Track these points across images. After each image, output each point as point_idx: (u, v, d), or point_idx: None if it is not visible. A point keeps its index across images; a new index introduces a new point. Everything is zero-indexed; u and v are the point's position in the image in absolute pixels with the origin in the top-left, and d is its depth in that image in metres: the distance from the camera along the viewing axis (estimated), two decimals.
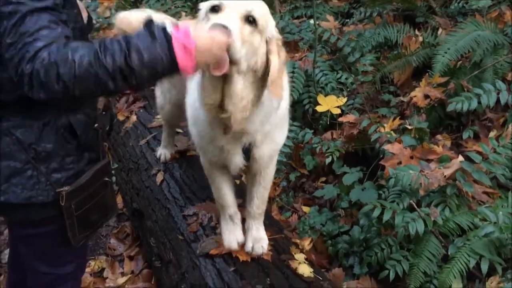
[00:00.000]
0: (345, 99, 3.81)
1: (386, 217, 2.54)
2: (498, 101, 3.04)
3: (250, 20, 1.66)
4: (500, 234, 2.23)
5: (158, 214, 2.83)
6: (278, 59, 1.75)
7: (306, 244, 2.83)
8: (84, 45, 1.47)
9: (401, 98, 3.82)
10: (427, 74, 3.60)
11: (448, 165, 2.63)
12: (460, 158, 2.64)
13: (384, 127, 3.33)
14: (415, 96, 3.56)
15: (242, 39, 1.59)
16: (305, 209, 3.42)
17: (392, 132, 3.29)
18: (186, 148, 3.28)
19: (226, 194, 2.30)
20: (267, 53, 1.75)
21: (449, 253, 2.41)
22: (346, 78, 4.03)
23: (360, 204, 3.11)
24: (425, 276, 2.46)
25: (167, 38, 1.45)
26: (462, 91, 3.25)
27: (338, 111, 3.72)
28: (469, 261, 2.27)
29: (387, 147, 3.10)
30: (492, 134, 3.18)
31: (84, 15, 1.87)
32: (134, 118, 3.88)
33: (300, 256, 2.41)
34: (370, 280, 2.85)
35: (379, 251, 2.69)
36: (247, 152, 2.05)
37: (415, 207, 2.54)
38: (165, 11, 5.03)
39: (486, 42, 3.34)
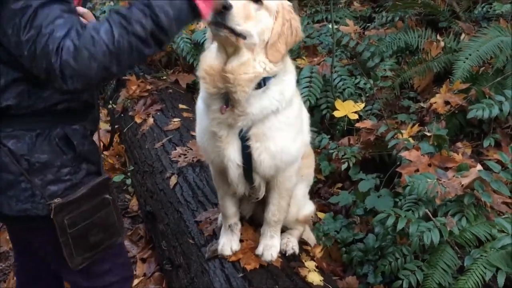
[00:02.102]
0: (363, 105, 3.76)
1: (400, 226, 2.48)
2: None
3: None
4: None
5: (170, 217, 2.84)
6: (280, 25, 1.90)
7: (318, 251, 2.79)
8: (101, 23, 1.45)
9: (421, 104, 3.75)
10: (448, 80, 3.52)
11: (466, 174, 2.55)
12: (479, 167, 2.56)
13: (402, 133, 3.27)
14: (435, 103, 3.48)
15: (245, 15, 1.77)
16: (320, 215, 3.38)
17: (410, 139, 3.23)
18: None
19: (228, 205, 2.31)
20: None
21: (465, 265, 2.33)
22: (365, 83, 3.97)
23: (375, 211, 3.05)
24: None
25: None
26: (483, 98, 3.17)
27: (356, 116, 3.67)
28: (485, 273, 2.19)
29: (404, 154, 3.04)
30: None
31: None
32: (151, 121, 3.91)
33: (310, 264, 2.37)
34: None
35: (393, 260, 2.63)
36: (247, 158, 2.03)
37: (431, 216, 2.47)
38: None
39: (509, 48, 3.25)
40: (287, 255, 2.38)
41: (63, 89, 1.45)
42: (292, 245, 2.43)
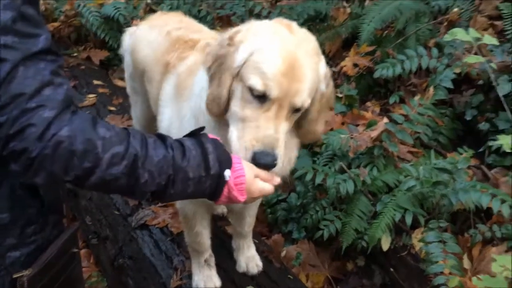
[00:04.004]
0: None
1: (318, 180, 2.64)
2: (422, 67, 3.19)
3: (296, 110, 1.48)
4: (421, 187, 2.37)
5: (92, 192, 2.79)
6: (318, 103, 1.56)
7: None
8: (118, 134, 1.13)
9: (333, 68, 3.93)
10: (355, 43, 3.72)
11: (375, 128, 2.76)
12: (385, 120, 2.77)
13: None
14: (345, 66, 3.68)
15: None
16: None
17: None
18: None
19: (205, 240, 2.04)
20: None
21: (377, 210, 2.54)
22: None
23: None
24: (357, 233, 2.58)
25: (221, 182, 1.25)
26: (387, 58, 3.39)
27: None
28: (395, 215, 2.40)
29: None
30: (416, 98, 3.35)
31: None
32: None
33: None
34: (308, 243, 2.96)
35: (314, 213, 2.79)
36: None
37: (345, 169, 2.65)
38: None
39: (408, 10, 3.49)
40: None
41: (16, 173, 1.08)
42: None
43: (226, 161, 1.27)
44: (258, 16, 4.36)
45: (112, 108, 3.51)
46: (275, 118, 1.41)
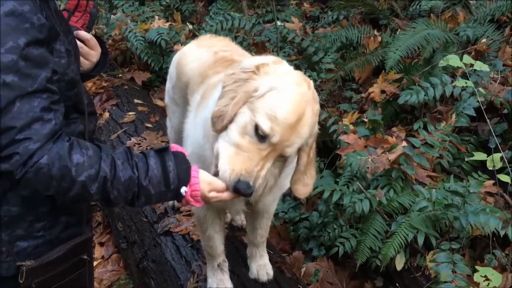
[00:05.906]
0: None
1: (335, 198, 2.75)
2: (451, 95, 3.25)
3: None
4: (433, 209, 2.44)
5: None
6: (303, 166, 1.72)
7: None
8: (90, 158, 1.30)
9: (362, 94, 4.05)
10: (383, 71, 3.84)
11: (393, 151, 2.85)
12: (404, 144, 2.86)
13: (342, 120, 3.55)
14: (372, 92, 3.79)
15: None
16: None
17: (350, 125, 3.51)
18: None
19: (217, 245, 2.15)
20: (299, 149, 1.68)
21: (391, 230, 2.61)
22: (309, 76, 4.24)
23: (320, 192, 3.30)
24: (371, 252, 2.66)
25: (179, 195, 1.44)
26: (413, 85, 3.48)
27: None
28: (407, 235, 2.47)
29: (343, 137, 3.31)
30: (441, 125, 3.41)
31: (95, 53, 1.69)
32: (107, 115, 4.06)
33: None
34: (327, 261, 3.05)
35: (331, 231, 2.89)
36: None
37: (362, 189, 2.75)
38: (139, 15, 5.23)
39: (435, 40, 3.59)
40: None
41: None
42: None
43: (184, 178, 1.44)
44: (292, 43, 4.57)
45: (149, 125, 3.75)
46: (266, 157, 1.54)
